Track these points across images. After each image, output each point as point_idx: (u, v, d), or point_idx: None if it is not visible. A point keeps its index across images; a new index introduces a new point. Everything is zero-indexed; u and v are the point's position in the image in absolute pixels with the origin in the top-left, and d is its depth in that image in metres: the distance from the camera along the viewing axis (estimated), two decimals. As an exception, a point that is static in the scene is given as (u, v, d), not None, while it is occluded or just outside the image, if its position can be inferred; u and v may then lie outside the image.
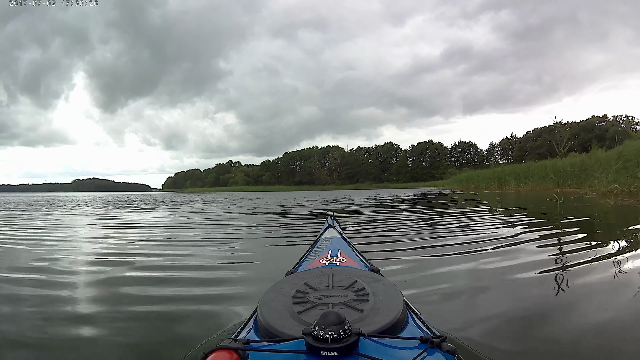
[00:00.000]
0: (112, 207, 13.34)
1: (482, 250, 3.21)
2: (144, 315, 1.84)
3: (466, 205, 9.93)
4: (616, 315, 1.65)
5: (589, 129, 52.12)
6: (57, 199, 23.93)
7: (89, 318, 1.81)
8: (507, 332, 1.51)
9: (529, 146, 59.82)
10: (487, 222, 5.51)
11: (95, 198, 28.19)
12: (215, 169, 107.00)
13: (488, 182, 28.84)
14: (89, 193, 74.24)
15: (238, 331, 0.97)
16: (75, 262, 3.20)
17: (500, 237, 3.94)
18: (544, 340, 1.43)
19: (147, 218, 8.17)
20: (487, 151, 72.75)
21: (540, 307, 1.80)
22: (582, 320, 1.60)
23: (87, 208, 12.64)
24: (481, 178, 30.56)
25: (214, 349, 0.75)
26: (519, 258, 2.82)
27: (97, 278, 2.60)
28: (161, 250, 3.78)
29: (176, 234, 5.27)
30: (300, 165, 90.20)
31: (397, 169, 79.22)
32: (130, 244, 4.35)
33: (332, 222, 2.17)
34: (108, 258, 3.34)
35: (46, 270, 2.79)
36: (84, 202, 19.14)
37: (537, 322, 1.60)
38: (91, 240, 4.68)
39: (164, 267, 2.97)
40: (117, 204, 16.15)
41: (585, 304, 1.83)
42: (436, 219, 6.54)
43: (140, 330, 1.66)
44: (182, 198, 24.72)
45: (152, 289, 2.30)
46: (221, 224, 6.60)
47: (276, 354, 0.77)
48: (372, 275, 1.13)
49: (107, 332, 1.63)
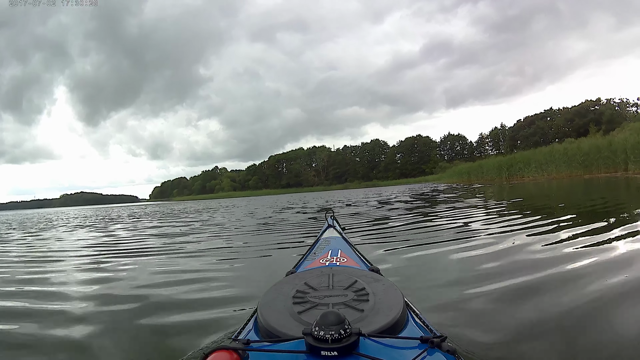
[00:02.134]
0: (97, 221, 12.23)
1: (484, 250, 3.00)
2: (145, 315, 1.84)
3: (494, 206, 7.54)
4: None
5: (583, 114, 49.57)
6: (26, 218, 21.29)
7: (88, 319, 1.82)
8: (507, 332, 1.45)
9: (520, 135, 56.83)
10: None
11: (79, 212, 26.84)
12: (202, 176, 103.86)
13: (493, 172, 25.07)
14: (77, 207, 73.85)
15: (238, 331, 0.96)
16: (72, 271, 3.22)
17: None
18: (545, 340, 1.37)
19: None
20: (478, 142, 69.51)
21: (549, 309, 1.64)
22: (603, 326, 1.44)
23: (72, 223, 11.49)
24: (484, 169, 26.67)
25: (214, 349, 0.74)
26: (520, 259, 2.61)
27: (96, 278, 2.74)
28: (161, 253, 3.82)
29: (174, 239, 5.08)
30: (286, 167, 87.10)
31: (386, 166, 75.81)
32: (126, 247, 4.47)
33: (332, 222, 2.12)
34: (107, 259, 3.55)
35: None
36: (66, 217, 17.40)
37: (541, 324, 1.50)
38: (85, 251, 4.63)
39: (165, 270, 2.94)
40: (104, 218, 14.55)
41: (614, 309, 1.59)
42: (436, 219, 5.90)
43: (141, 331, 1.66)
44: (161, 210, 20.99)
45: (153, 290, 2.31)
46: (221, 225, 6.82)
47: (276, 354, 0.76)
48: (372, 275, 1.10)
49: (107, 334, 1.64)
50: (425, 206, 8.86)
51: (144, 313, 1.88)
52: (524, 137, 55.28)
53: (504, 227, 4.14)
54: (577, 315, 1.54)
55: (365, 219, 6.60)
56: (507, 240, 3.26)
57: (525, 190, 12.77)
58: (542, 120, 55.31)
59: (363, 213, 7.89)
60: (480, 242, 3.33)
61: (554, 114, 55.30)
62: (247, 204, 20.96)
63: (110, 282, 2.66)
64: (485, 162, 28.72)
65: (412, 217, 6.45)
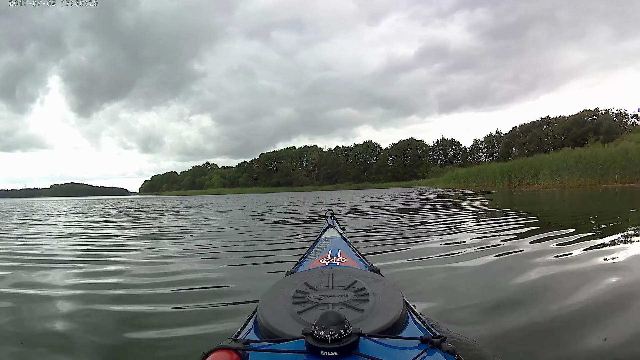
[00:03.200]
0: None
1: (486, 251, 3.01)
2: (145, 316, 1.82)
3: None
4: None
5: (581, 123, 48.37)
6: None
7: (88, 320, 1.78)
8: (508, 333, 1.45)
9: (516, 142, 55.39)
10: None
11: (57, 204, 25.42)
12: (192, 171, 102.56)
13: (495, 178, 23.12)
14: (64, 198, 72.26)
15: (238, 331, 0.93)
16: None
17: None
18: (547, 340, 1.38)
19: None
20: (471, 148, 67.90)
21: (549, 309, 1.66)
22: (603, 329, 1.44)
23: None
24: (484, 175, 24.69)
25: (214, 349, 0.73)
26: (522, 260, 2.64)
27: (96, 280, 2.60)
28: (160, 253, 3.69)
29: (173, 239, 4.87)
30: (277, 166, 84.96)
31: (378, 168, 73.85)
32: (124, 246, 4.29)
33: (332, 222, 2.07)
34: (104, 261, 3.33)
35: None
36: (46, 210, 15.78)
37: (543, 325, 1.50)
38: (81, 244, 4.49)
39: (164, 270, 2.87)
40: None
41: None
42: (436, 219, 5.91)
43: (141, 331, 1.63)
44: (137, 206, 19.16)
45: (153, 290, 2.28)
46: (221, 225, 6.60)
47: (276, 354, 0.75)
48: (372, 275, 1.08)
49: (107, 334, 1.61)
50: (425, 209, 8.46)
51: (143, 313, 1.84)
52: (520, 144, 53.86)
53: (507, 231, 4.07)
54: (578, 318, 1.55)
55: (364, 219, 6.49)
56: (510, 243, 3.22)
57: (535, 197, 11.91)
58: (538, 128, 53.89)
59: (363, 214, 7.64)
60: (481, 243, 3.32)
61: (551, 123, 53.97)
62: (223, 202, 19.39)
63: (106, 282, 2.54)
64: (485, 167, 26.73)
65: (411, 218, 6.46)
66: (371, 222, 5.84)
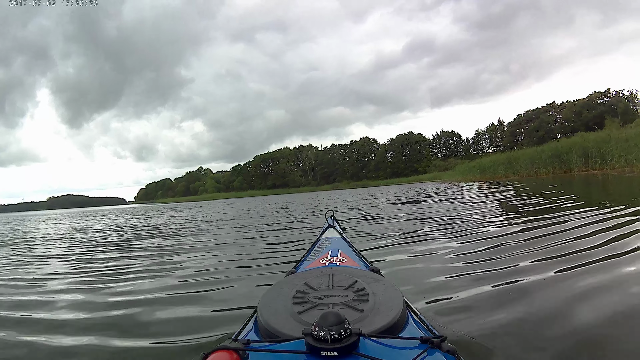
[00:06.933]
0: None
1: (486, 250, 2.77)
2: (145, 316, 1.78)
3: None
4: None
5: (592, 106, 44.03)
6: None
7: (88, 323, 1.73)
8: (508, 333, 1.37)
9: (522, 130, 51.08)
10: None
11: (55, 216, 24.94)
12: (186, 177, 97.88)
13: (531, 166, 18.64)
14: (62, 210, 69.97)
15: (238, 331, 0.92)
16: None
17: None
18: (548, 340, 1.29)
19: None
20: (474, 139, 63.56)
21: (549, 309, 1.54)
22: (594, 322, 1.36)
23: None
24: (521, 161, 20.11)
25: (214, 349, 0.72)
26: (523, 258, 2.40)
27: (95, 281, 2.57)
28: (160, 254, 3.63)
29: (172, 240, 4.95)
30: (272, 167, 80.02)
31: (376, 165, 69.25)
32: (125, 247, 4.25)
33: (332, 222, 2.06)
34: (103, 262, 3.30)
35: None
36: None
37: (543, 325, 1.41)
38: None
39: (165, 270, 2.84)
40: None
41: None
42: (437, 220, 5.22)
43: (141, 331, 1.59)
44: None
45: (153, 290, 2.23)
46: (220, 226, 6.46)
47: (276, 354, 0.74)
48: (372, 276, 1.06)
49: (107, 335, 1.56)
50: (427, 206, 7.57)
51: (143, 314, 1.80)
52: (528, 131, 49.62)
53: (509, 226, 3.83)
54: (579, 318, 1.43)
55: (364, 218, 6.25)
56: (512, 242, 2.97)
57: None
58: (545, 114, 49.65)
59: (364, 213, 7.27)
60: (482, 244, 3.05)
61: (557, 108, 49.76)
62: (201, 211, 15.62)
63: (105, 283, 2.51)
64: (522, 152, 22.25)
65: (413, 216, 5.94)
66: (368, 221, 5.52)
